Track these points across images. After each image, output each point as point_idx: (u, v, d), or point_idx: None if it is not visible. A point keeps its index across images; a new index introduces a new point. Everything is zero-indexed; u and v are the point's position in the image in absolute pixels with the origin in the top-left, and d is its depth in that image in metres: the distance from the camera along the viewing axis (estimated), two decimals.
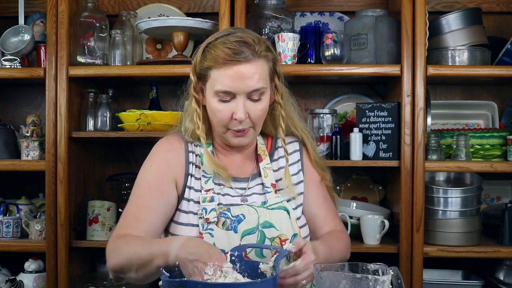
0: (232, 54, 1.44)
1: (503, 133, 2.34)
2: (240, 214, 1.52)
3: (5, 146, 2.43)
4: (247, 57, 1.45)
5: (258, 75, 1.46)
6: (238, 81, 1.45)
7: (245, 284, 1.22)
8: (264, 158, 1.62)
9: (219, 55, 1.45)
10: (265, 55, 1.50)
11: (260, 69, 1.47)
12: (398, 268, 1.30)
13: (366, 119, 2.36)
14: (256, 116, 1.50)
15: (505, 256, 2.31)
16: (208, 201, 1.53)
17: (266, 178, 1.59)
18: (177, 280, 1.20)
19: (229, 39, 1.47)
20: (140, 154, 2.69)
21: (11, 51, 2.40)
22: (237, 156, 1.63)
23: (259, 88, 1.47)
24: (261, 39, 1.51)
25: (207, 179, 1.56)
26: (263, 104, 1.51)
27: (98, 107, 2.43)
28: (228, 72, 1.45)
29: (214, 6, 2.65)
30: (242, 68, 1.45)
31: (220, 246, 1.47)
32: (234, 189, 1.58)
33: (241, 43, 1.46)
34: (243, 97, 1.47)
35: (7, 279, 2.35)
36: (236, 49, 1.44)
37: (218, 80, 1.47)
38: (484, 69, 2.29)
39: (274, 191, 1.57)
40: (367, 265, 1.29)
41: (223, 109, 1.48)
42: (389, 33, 2.32)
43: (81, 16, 2.37)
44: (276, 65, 1.55)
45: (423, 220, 2.23)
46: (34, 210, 2.55)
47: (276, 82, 1.56)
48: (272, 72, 1.53)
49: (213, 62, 1.47)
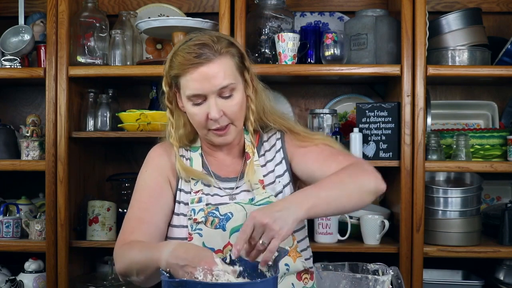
0: (193, 58, 1.47)
1: (503, 133, 2.34)
2: (228, 212, 1.53)
3: (5, 146, 2.43)
4: (208, 58, 1.48)
5: (223, 72, 1.49)
6: (204, 82, 1.48)
7: (245, 284, 1.22)
8: (251, 155, 1.62)
9: (181, 62, 1.49)
10: (227, 51, 1.51)
11: (224, 66, 1.50)
12: (398, 268, 1.30)
13: (366, 119, 2.36)
14: (232, 111, 1.52)
15: (505, 256, 2.31)
16: (196, 202, 1.55)
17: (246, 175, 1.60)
18: (176, 280, 1.20)
19: (189, 44, 1.51)
20: (140, 154, 2.70)
21: (11, 51, 2.40)
22: (225, 157, 1.64)
23: (226, 85, 1.49)
24: (221, 38, 1.54)
25: (196, 181, 1.59)
26: (236, 100, 1.52)
27: (98, 107, 2.43)
28: (194, 76, 1.48)
29: (214, 6, 2.65)
30: (205, 69, 1.48)
31: (209, 245, 1.49)
32: (223, 189, 1.59)
33: (200, 45, 1.49)
34: (214, 96, 1.50)
35: (7, 279, 2.34)
36: (196, 52, 1.48)
37: (186, 85, 1.51)
38: (484, 69, 2.29)
39: (261, 187, 1.58)
40: (367, 265, 1.29)
41: (198, 112, 1.52)
42: (389, 33, 2.32)
43: (81, 16, 2.37)
44: (244, 59, 1.56)
45: (423, 220, 2.23)
46: (34, 210, 2.55)
47: (246, 76, 1.58)
48: (240, 67, 1.55)
49: (178, 69, 1.51)
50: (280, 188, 1.59)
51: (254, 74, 1.61)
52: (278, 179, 1.60)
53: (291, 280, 1.55)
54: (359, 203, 1.44)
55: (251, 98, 1.59)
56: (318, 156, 1.56)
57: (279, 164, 1.62)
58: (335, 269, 1.28)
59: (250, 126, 1.61)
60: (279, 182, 1.60)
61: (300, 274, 1.58)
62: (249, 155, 1.62)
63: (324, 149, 1.58)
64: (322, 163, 1.54)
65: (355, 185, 1.42)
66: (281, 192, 1.59)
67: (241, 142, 1.65)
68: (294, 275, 1.57)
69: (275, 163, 1.63)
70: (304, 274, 1.58)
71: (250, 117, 1.60)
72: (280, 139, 1.65)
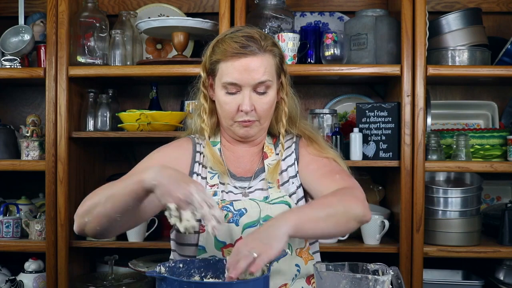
0: (239, 48, 1.50)
1: (503, 133, 2.34)
2: (242, 208, 1.53)
3: (5, 146, 2.43)
4: (253, 51, 1.51)
5: (264, 68, 1.52)
6: (244, 74, 1.50)
7: (237, 283, 1.22)
8: (270, 155, 1.64)
9: (226, 49, 1.52)
10: (271, 49, 1.55)
11: (266, 63, 1.53)
12: (398, 268, 1.30)
13: (366, 119, 2.36)
14: (262, 109, 1.54)
15: (505, 256, 2.31)
16: (211, 195, 1.55)
17: (268, 173, 1.60)
18: (176, 279, 1.20)
19: (237, 34, 1.54)
20: (140, 154, 2.70)
21: (11, 51, 2.40)
22: (244, 154, 1.64)
23: (264, 80, 1.52)
24: (268, 36, 1.58)
25: (212, 175, 1.59)
26: (269, 98, 1.55)
27: (98, 107, 2.43)
28: (235, 65, 1.51)
29: (214, 6, 2.65)
30: (248, 61, 1.50)
31: (221, 239, 1.49)
32: (238, 188, 1.59)
33: (248, 37, 1.52)
34: (249, 89, 1.52)
35: (7, 279, 2.34)
36: (243, 43, 1.51)
37: (225, 72, 1.52)
38: (484, 69, 2.29)
39: (277, 186, 1.59)
40: (367, 265, 1.29)
41: (230, 101, 1.54)
42: (389, 33, 2.32)
43: (81, 16, 2.37)
44: (282, 62, 1.60)
45: (423, 220, 2.24)
46: (34, 210, 2.56)
47: (282, 79, 1.61)
48: (278, 69, 1.58)
49: (221, 55, 1.53)
50: (293, 189, 1.59)
51: (289, 79, 1.64)
52: (291, 180, 1.61)
53: (301, 284, 1.55)
54: (344, 229, 1.45)
55: (284, 101, 1.62)
56: (319, 170, 1.58)
57: (292, 166, 1.63)
58: (335, 269, 1.28)
59: (281, 128, 1.62)
60: (292, 183, 1.60)
61: (309, 279, 1.57)
62: (267, 155, 1.63)
63: (327, 164, 1.59)
64: (319, 177, 1.56)
65: (344, 211, 1.40)
66: (295, 193, 1.59)
67: (261, 142, 1.66)
68: (304, 279, 1.56)
69: (288, 163, 1.63)
70: (313, 279, 1.57)
71: (283, 119, 1.62)
72: (295, 142, 1.66)
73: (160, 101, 2.57)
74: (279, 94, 1.61)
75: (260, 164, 1.63)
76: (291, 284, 1.52)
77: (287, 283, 1.51)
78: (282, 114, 1.62)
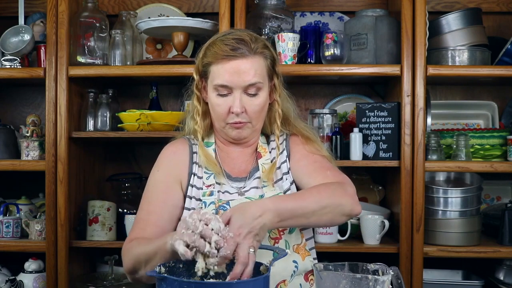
0: (229, 50, 1.52)
1: (503, 133, 2.34)
2: None
3: (5, 146, 2.43)
4: (243, 53, 1.53)
5: (254, 70, 1.54)
6: (235, 76, 1.52)
7: (237, 283, 1.22)
8: (264, 155, 1.66)
9: (217, 52, 1.54)
10: (262, 52, 1.57)
11: (256, 65, 1.55)
12: (398, 268, 1.30)
13: (366, 119, 2.36)
14: (253, 110, 1.56)
15: (505, 256, 2.31)
16: (208, 195, 1.58)
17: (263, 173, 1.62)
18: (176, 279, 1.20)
19: (228, 37, 1.56)
20: (140, 154, 2.71)
21: (11, 51, 2.40)
22: (238, 155, 1.66)
23: (254, 82, 1.54)
24: (259, 38, 1.59)
25: (208, 175, 1.61)
26: (260, 99, 1.56)
27: (98, 107, 2.43)
28: (226, 67, 1.53)
29: (214, 6, 2.65)
30: (238, 63, 1.52)
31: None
32: (234, 188, 1.62)
33: (238, 40, 1.54)
34: (240, 91, 1.54)
35: (7, 279, 2.34)
36: (233, 46, 1.53)
37: (216, 74, 1.55)
38: (484, 69, 2.29)
39: (271, 184, 1.61)
40: (367, 265, 1.29)
41: (221, 103, 1.56)
42: (389, 33, 2.32)
43: (81, 16, 2.37)
44: (275, 64, 1.62)
45: (423, 220, 2.24)
46: (34, 210, 2.55)
47: (275, 81, 1.62)
48: (270, 71, 1.60)
49: (212, 58, 1.55)
50: (287, 185, 1.61)
51: (282, 81, 1.65)
52: (285, 176, 1.63)
53: (299, 281, 1.56)
54: (330, 222, 1.49)
55: (278, 103, 1.63)
56: (310, 165, 1.61)
57: (284, 163, 1.65)
58: (335, 269, 1.28)
59: (276, 129, 1.64)
60: (286, 179, 1.62)
61: (307, 275, 1.58)
62: (261, 155, 1.65)
63: (317, 160, 1.62)
64: (310, 172, 1.59)
65: (332, 204, 1.45)
66: (289, 189, 1.61)
67: (255, 143, 1.68)
68: (302, 275, 1.57)
69: (280, 161, 1.65)
70: (310, 275, 1.59)
71: (277, 120, 1.64)
72: (285, 139, 1.68)
73: (160, 101, 2.57)
74: (272, 95, 1.63)
75: (255, 164, 1.65)
76: (289, 280, 1.53)
77: (286, 279, 1.53)
78: (276, 115, 1.64)
